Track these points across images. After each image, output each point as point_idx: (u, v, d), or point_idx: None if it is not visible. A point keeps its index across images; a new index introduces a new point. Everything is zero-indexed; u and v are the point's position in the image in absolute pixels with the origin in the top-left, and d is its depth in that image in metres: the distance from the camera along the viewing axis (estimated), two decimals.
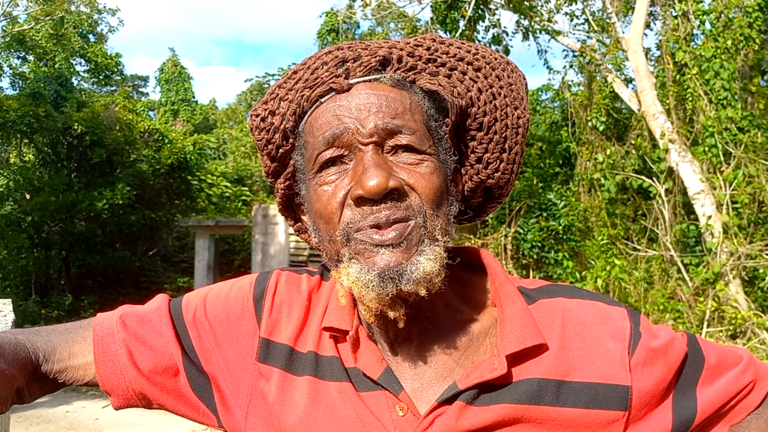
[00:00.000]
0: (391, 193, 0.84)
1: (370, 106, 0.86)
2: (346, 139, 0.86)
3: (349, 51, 0.91)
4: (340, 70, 0.89)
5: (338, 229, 0.86)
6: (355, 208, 0.85)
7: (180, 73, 27.58)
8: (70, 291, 16.15)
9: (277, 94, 0.94)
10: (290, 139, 0.93)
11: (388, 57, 0.90)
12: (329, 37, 19.44)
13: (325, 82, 0.89)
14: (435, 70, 0.92)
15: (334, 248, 0.87)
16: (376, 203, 0.84)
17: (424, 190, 0.86)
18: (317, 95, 0.89)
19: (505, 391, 0.88)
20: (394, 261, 0.83)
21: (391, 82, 0.89)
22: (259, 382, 0.96)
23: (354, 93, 0.88)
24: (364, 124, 0.86)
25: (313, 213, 0.91)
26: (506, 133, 0.95)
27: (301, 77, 0.92)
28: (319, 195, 0.88)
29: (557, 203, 10.80)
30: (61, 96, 17.30)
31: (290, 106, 0.91)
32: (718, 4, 9.30)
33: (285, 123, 0.92)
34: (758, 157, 8.92)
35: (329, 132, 0.87)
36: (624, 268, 9.15)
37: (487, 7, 10.83)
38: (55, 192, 15.47)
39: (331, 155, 0.87)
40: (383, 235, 0.83)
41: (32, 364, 0.93)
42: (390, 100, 0.87)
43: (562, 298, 0.96)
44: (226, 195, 20.40)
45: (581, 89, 12.00)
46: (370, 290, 0.83)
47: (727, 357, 0.96)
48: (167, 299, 1.07)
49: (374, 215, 0.84)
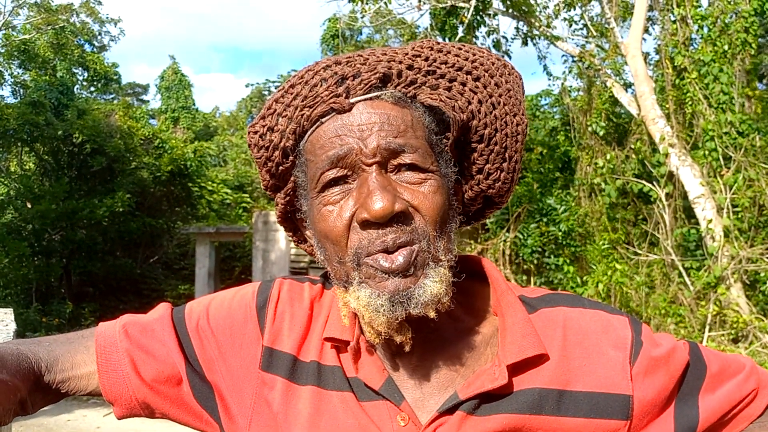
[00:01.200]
0: (396, 216, 0.84)
1: (372, 125, 0.86)
2: (350, 159, 0.86)
3: (347, 67, 0.89)
4: (341, 89, 0.87)
5: (348, 254, 0.86)
6: (362, 232, 0.85)
7: (180, 81, 27.63)
8: (71, 299, 16.14)
9: (274, 109, 0.92)
10: (290, 156, 0.92)
11: (387, 74, 0.88)
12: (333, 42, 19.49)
13: (325, 102, 0.87)
14: (435, 83, 0.91)
15: (343, 269, 0.87)
16: (382, 226, 0.84)
17: (427, 211, 0.86)
18: (317, 115, 0.88)
19: (506, 401, 0.88)
20: (403, 285, 0.83)
21: (392, 100, 0.88)
22: (263, 391, 0.96)
23: (355, 112, 0.87)
24: (366, 144, 0.85)
25: (317, 232, 0.90)
26: (506, 142, 0.95)
27: (299, 93, 0.90)
28: (324, 215, 0.88)
29: (557, 208, 10.79)
30: (62, 104, 17.33)
31: (289, 124, 0.90)
32: (714, 9, 9.32)
33: (285, 141, 0.91)
34: (758, 160, 8.92)
35: (332, 152, 0.86)
36: (625, 272, 9.14)
37: (486, 12, 10.85)
38: (55, 200, 15.48)
39: (334, 176, 0.87)
40: (392, 262, 0.83)
41: (35, 375, 0.93)
42: (392, 119, 0.87)
43: (564, 307, 0.96)
44: (227, 202, 20.42)
45: (581, 94, 12.01)
46: (380, 314, 0.84)
47: (729, 365, 0.96)
48: (170, 308, 1.07)
49: (381, 239, 0.84)
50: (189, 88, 27.84)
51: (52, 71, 19.11)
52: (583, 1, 11.45)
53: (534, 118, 13.81)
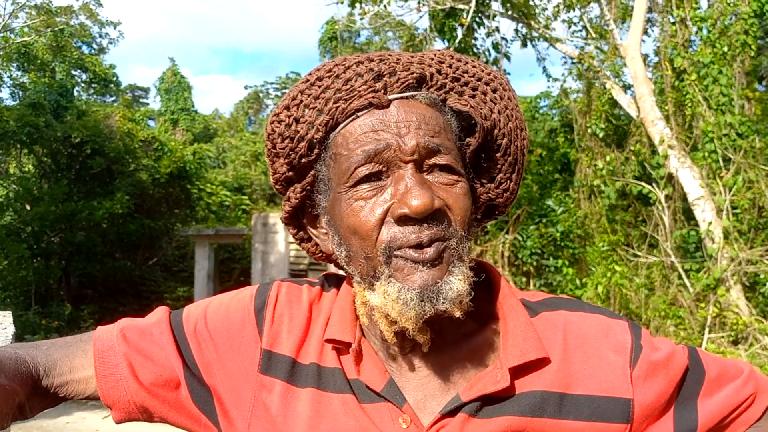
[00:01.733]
0: (433, 214, 0.84)
1: (409, 123, 0.86)
2: (387, 155, 0.85)
3: (383, 64, 0.89)
4: (378, 84, 0.87)
5: (378, 248, 0.85)
6: (397, 226, 0.85)
7: (180, 83, 27.66)
8: (70, 301, 16.14)
9: (300, 100, 0.91)
10: (315, 149, 0.90)
11: (423, 75, 0.89)
12: (331, 45, 19.51)
13: (362, 96, 0.87)
14: (461, 90, 0.92)
15: (370, 265, 0.87)
16: (419, 222, 0.84)
17: (459, 211, 0.87)
18: (354, 108, 0.87)
19: (508, 404, 0.89)
20: (431, 279, 0.84)
21: (427, 101, 0.89)
22: (262, 394, 0.95)
23: (392, 109, 0.87)
24: (405, 141, 0.85)
25: (344, 227, 0.89)
26: (517, 154, 0.97)
27: (330, 86, 0.89)
28: (355, 210, 0.87)
29: (557, 210, 10.80)
30: (62, 106, 17.34)
31: (319, 116, 0.88)
32: (714, 11, 9.33)
33: (314, 133, 0.89)
34: (758, 162, 8.92)
35: (369, 147, 0.86)
36: (624, 274, 9.14)
37: (485, 14, 10.86)
38: (54, 202, 15.49)
39: (369, 171, 0.86)
40: (423, 253, 0.84)
41: (33, 379, 0.93)
42: (427, 119, 0.87)
43: (564, 311, 0.97)
44: (226, 204, 20.43)
45: (580, 96, 12.02)
46: (410, 309, 0.83)
47: (727, 370, 0.97)
48: (168, 312, 1.07)
49: (416, 235, 0.84)
50: (188, 90, 27.87)
51: (51, 73, 19.12)
52: (582, 3, 11.46)
53: (533, 120, 13.83)
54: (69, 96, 18.50)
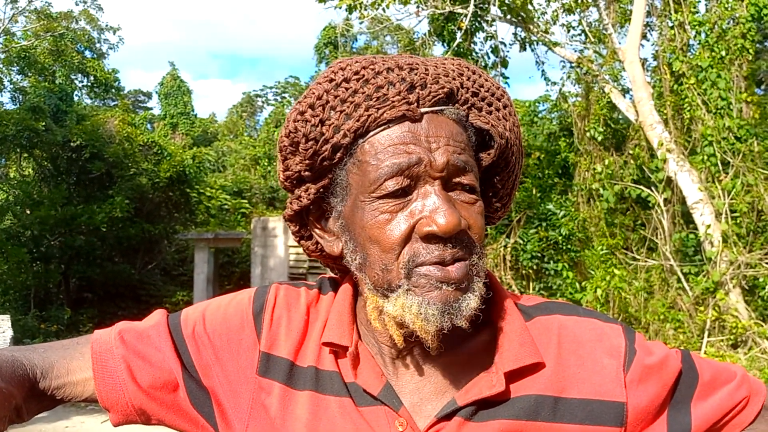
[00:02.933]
0: (459, 232, 0.84)
1: (439, 138, 0.85)
2: (417, 170, 0.84)
3: (414, 74, 0.87)
4: (412, 96, 0.86)
5: (400, 262, 0.85)
6: (421, 243, 0.85)
7: (179, 87, 27.69)
8: (69, 305, 16.13)
9: (327, 101, 0.88)
10: (339, 153, 0.88)
11: (452, 89, 0.88)
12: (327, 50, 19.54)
13: (395, 107, 0.85)
14: (480, 105, 0.91)
15: (386, 276, 0.86)
16: (443, 241, 0.84)
17: (477, 230, 0.87)
18: (387, 118, 0.85)
19: (503, 408, 0.89)
20: (453, 297, 0.84)
21: (454, 117, 0.88)
22: (260, 396, 0.96)
23: (423, 122, 0.86)
24: (435, 157, 0.84)
25: (364, 237, 0.88)
26: (517, 169, 0.98)
27: (358, 90, 0.87)
28: (380, 222, 0.86)
29: (557, 213, 10.81)
30: (61, 110, 17.36)
31: (347, 120, 0.86)
32: (712, 15, 9.36)
33: (341, 138, 0.87)
34: (756, 165, 8.94)
35: (400, 160, 0.84)
36: (624, 278, 9.15)
37: (484, 19, 10.89)
38: (54, 206, 15.50)
39: (398, 185, 0.85)
40: (448, 272, 0.84)
41: (30, 381, 0.93)
42: (455, 135, 0.87)
43: (559, 315, 0.97)
44: (225, 207, 20.43)
45: (579, 100, 12.04)
46: (431, 323, 0.84)
47: (720, 373, 0.98)
48: (165, 314, 1.07)
49: (440, 252, 0.84)
50: (188, 94, 27.91)
51: (51, 78, 19.14)
52: (581, 7, 11.49)
53: (532, 124, 13.84)
54: (69, 100, 18.53)
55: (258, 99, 35.65)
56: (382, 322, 0.91)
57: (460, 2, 10.40)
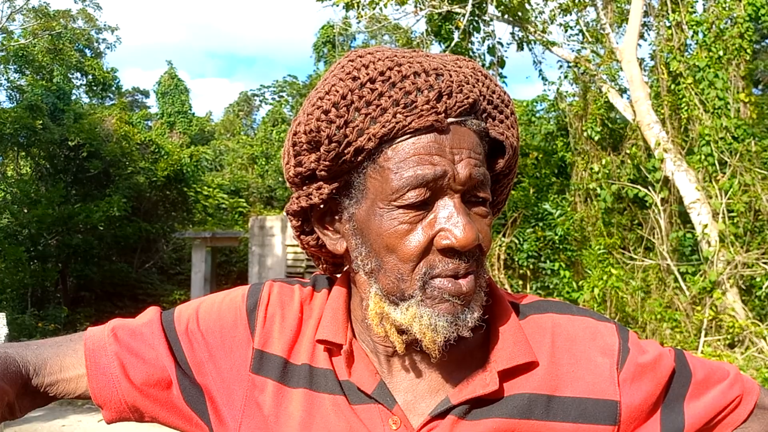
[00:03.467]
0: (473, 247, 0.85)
1: (462, 151, 0.84)
2: (441, 183, 0.83)
3: (440, 81, 0.84)
4: (440, 106, 0.83)
5: (416, 273, 0.85)
6: (438, 256, 0.84)
7: (177, 86, 27.68)
8: (67, 304, 16.12)
9: (351, 101, 0.84)
10: (360, 157, 0.85)
11: (476, 100, 0.87)
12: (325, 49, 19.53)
13: (423, 116, 0.82)
14: (493, 114, 0.90)
15: (401, 286, 0.86)
16: (460, 255, 0.84)
17: (487, 243, 0.88)
18: (415, 128, 0.83)
19: (497, 406, 0.89)
20: (460, 309, 0.85)
21: (475, 128, 0.87)
22: (253, 394, 0.95)
23: (449, 134, 0.84)
24: (458, 170, 0.83)
25: (381, 244, 0.86)
26: (515, 170, 0.98)
27: (384, 92, 0.84)
28: (399, 232, 0.84)
29: (553, 213, 10.81)
30: (59, 109, 17.33)
31: (373, 124, 0.83)
32: (709, 15, 9.37)
33: (365, 141, 0.84)
34: (753, 165, 8.95)
35: (427, 172, 0.82)
36: (621, 277, 9.15)
37: (482, 18, 10.89)
38: (51, 204, 15.47)
39: (420, 197, 0.83)
40: (460, 287, 0.84)
41: (23, 378, 0.93)
42: (475, 147, 0.86)
43: (552, 314, 0.97)
44: (223, 206, 20.42)
45: (576, 99, 12.05)
46: (440, 335, 0.84)
47: (714, 372, 0.98)
48: (159, 311, 1.07)
49: (455, 266, 0.84)
50: (186, 93, 27.90)
51: (48, 76, 19.11)
52: (578, 7, 11.49)
53: (530, 124, 13.85)
54: (66, 99, 18.50)
55: (255, 98, 35.65)
56: (383, 327, 0.90)
57: (458, 1, 10.39)
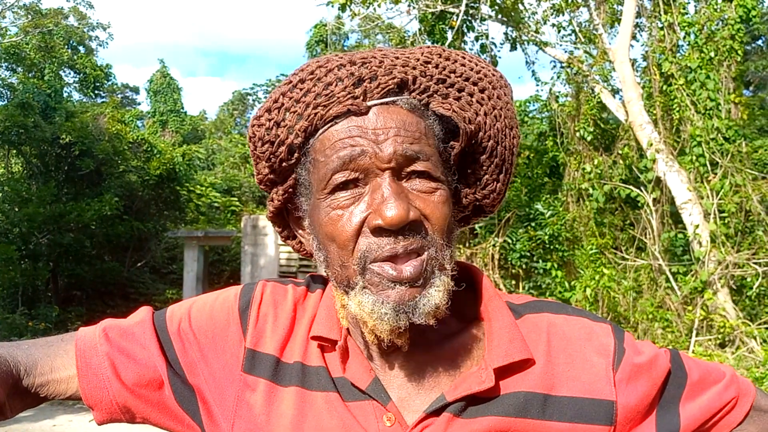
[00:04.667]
0: (409, 224, 0.83)
1: (388, 130, 0.85)
2: (364, 163, 0.84)
3: (364, 68, 0.87)
4: (358, 90, 0.86)
5: (354, 258, 0.85)
6: (372, 237, 0.84)
7: (169, 84, 27.58)
8: (58, 303, 16.04)
9: (282, 103, 0.89)
10: (296, 153, 0.90)
11: (404, 79, 0.88)
12: (318, 48, 19.50)
13: (341, 102, 0.85)
14: (445, 92, 0.90)
15: (345, 274, 0.87)
16: (394, 234, 0.83)
17: (437, 221, 0.86)
18: (333, 115, 0.86)
19: (493, 404, 0.89)
20: (408, 295, 0.83)
21: (408, 106, 0.87)
22: (245, 393, 0.95)
23: (371, 115, 0.86)
24: (382, 148, 0.84)
25: (322, 234, 0.89)
26: (505, 155, 0.96)
27: (311, 89, 0.87)
28: (332, 219, 0.86)
29: (545, 213, 10.83)
30: (50, 107, 17.23)
31: (299, 120, 0.87)
32: (701, 16, 9.41)
33: (293, 138, 0.88)
34: (744, 166, 9.00)
35: (344, 153, 0.85)
36: (613, 277, 9.18)
37: (475, 18, 10.90)
38: (43, 203, 15.39)
39: (345, 178, 0.85)
40: (401, 272, 0.83)
41: (13, 378, 0.92)
42: (407, 125, 0.86)
43: (548, 314, 0.97)
44: (215, 205, 20.37)
45: (569, 100, 12.08)
46: (384, 322, 0.84)
47: (710, 373, 0.98)
48: (151, 311, 1.07)
49: (391, 246, 0.83)
50: (178, 92, 27.80)
51: (40, 74, 19.01)
52: (571, 8, 11.52)
53: (523, 124, 13.87)
54: (58, 97, 18.41)
55: (249, 97, 35.54)
56: (348, 320, 0.91)
57: (452, 1, 10.40)
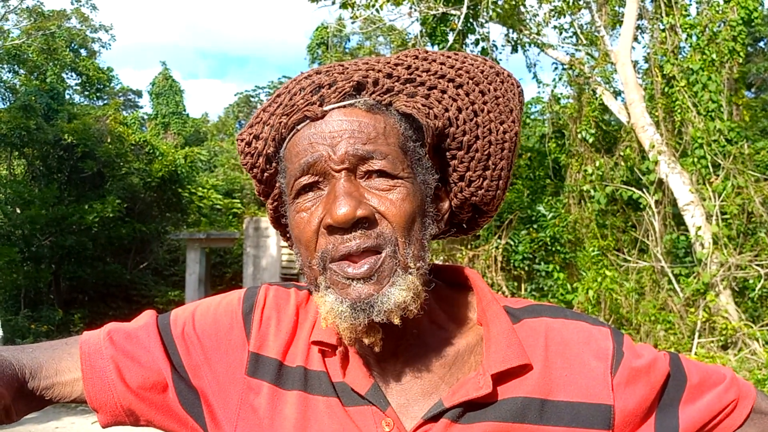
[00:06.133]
0: (361, 222, 0.85)
1: (343, 132, 0.87)
2: (320, 166, 0.87)
3: (325, 76, 0.91)
4: (315, 97, 0.89)
5: (315, 258, 0.88)
6: (328, 236, 0.86)
7: (171, 86, 27.58)
8: (60, 305, 16.05)
9: (261, 118, 0.95)
10: (273, 163, 0.95)
11: (362, 82, 0.90)
12: (319, 51, 19.52)
13: (300, 110, 0.89)
14: (413, 91, 0.92)
15: (312, 274, 0.89)
16: (347, 231, 0.85)
17: (395, 218, 0.86)
18: (293, 123, 0.90)
19: (490, 410, 0.89)
20: (365, 293, 0.85)
21: (365, 107, 0.89)
22: (249, 396, 0.96)
23: (328, 120, 0.88)
24: (335, 150, 0.87)
25: (294, 237, 0.92)
26: (489, 150, 0.95)
27: (282, 102, 0.92)
28: (297, 222, 0.90)
29: (546, 215, 10.83)
30: (53, 109, 17.26)
31: (270, 131, 0.93)
32: (703, 18, 9.41)
33: (267, 148, 0.94)
34: (746, 168, 8.99)
35: (304, 160, 0.88)
36: (615, 279, 9.17)
37: (477, 20, 10.90)
38: (45, 205, 15.41)
39: (306, 182, 0.88)
40: (356, 268, 0.85)
41: (18, 382, 0.93)
42: (363, 125, 0.88)
43: (546, 318, 0.97)
44: (217, 207, 20.38)
45: (570, 102, 12.07)
46: (342, 320, 0.85)
47: (709, 376, 0.97)
48: (155, 315, 1.07)
49: (345, 244, 0.85)
50: (180, 94, 27.80)
51: (42, 76, 19.04)
52: (572, 10, 11.53)
53: (524, 126, 13.88)
54: (60, 99, 18.44)
55: (252, 99, 35.57)
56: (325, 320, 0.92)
57: (454, 3, 10.41)
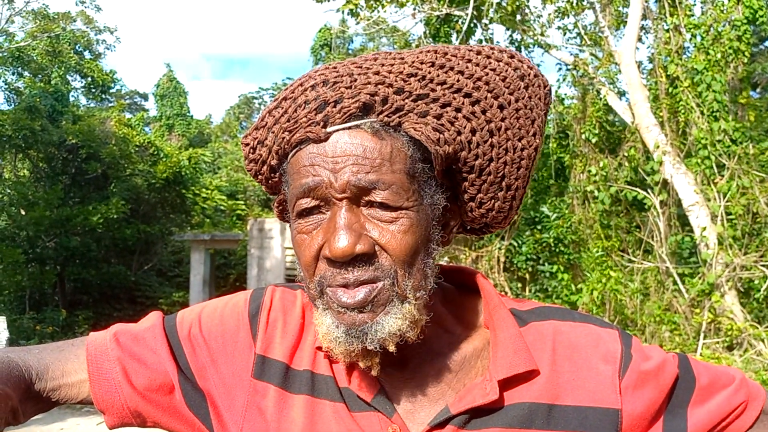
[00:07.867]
0: (360, 256, 0.83)
1: (347, 158, 0.82)
2: (321, 192, 0.84)
3: (331, 90, 0.84)
4: (319, 117, 0.84)
5: (313, 282, 0.86)
6: (325, 264, 0.85)
7: (175, 88, 27.68)
8: (65, 306, 16.09)
9: (266, 122, 0.90)
10: (277, 173, 0.92)
11: (369, 102, 0.84)
12: (323, 52, 19.54)
13: (303, 128, 0.85)
14: (424, 110, 0.85)
15: (310, 293, 0.89)
16: (344, 265, 0.83)
17: (395, 251, 0.83)
18: (295, 141, 0.85)
19: (497, 416, 0.88)
20: (359, 320, 0.83)
21: (371, 130, 0.83)
22: (255, 399, 0.95)
23: (332, 141, 0.83)
24: (337, 177, 0.82)
25: (295, 253, 0.91)
26: (504, 171, 0.91)
27: (287, 110, 0.87)
28: (298, 242, 0.88)
29: (550, 215, 10.82)
30: (57, 111, 17.31)
31: (273, 143, 0.89)
32: (707, 18, 9.38)
33: (270, 159, 0.90)
34: (751, 168, 8.96)
35: (305, 182, 0.85)
36: (619, 280, 9.15)
37: (480, 21, 10.90)
38: (49, 206, 15.45)
39: (307, 205, 0.85)
40: (351, 297, 0.83)
41: (25, 383, 0.93)
42: (368, 151, 0.83)
43: (554, 321, 0.96)
44: (221, 208, 20.41)
45: (574, 102, 12.06)
46: (337, 345, 0.85)
47: (719, 377, 0.96)
48: (161, 316, 1.07)
49: (342, 276, 0.83)
50: (184, 95, 27.89)
51: (47, 78, 19.09)
52: (576, 10, 11.51)
53: None
54: (65, 101, 18.48)
55: (255, 101, 35.60)
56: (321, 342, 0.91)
57: (457, 4, 10.41)
